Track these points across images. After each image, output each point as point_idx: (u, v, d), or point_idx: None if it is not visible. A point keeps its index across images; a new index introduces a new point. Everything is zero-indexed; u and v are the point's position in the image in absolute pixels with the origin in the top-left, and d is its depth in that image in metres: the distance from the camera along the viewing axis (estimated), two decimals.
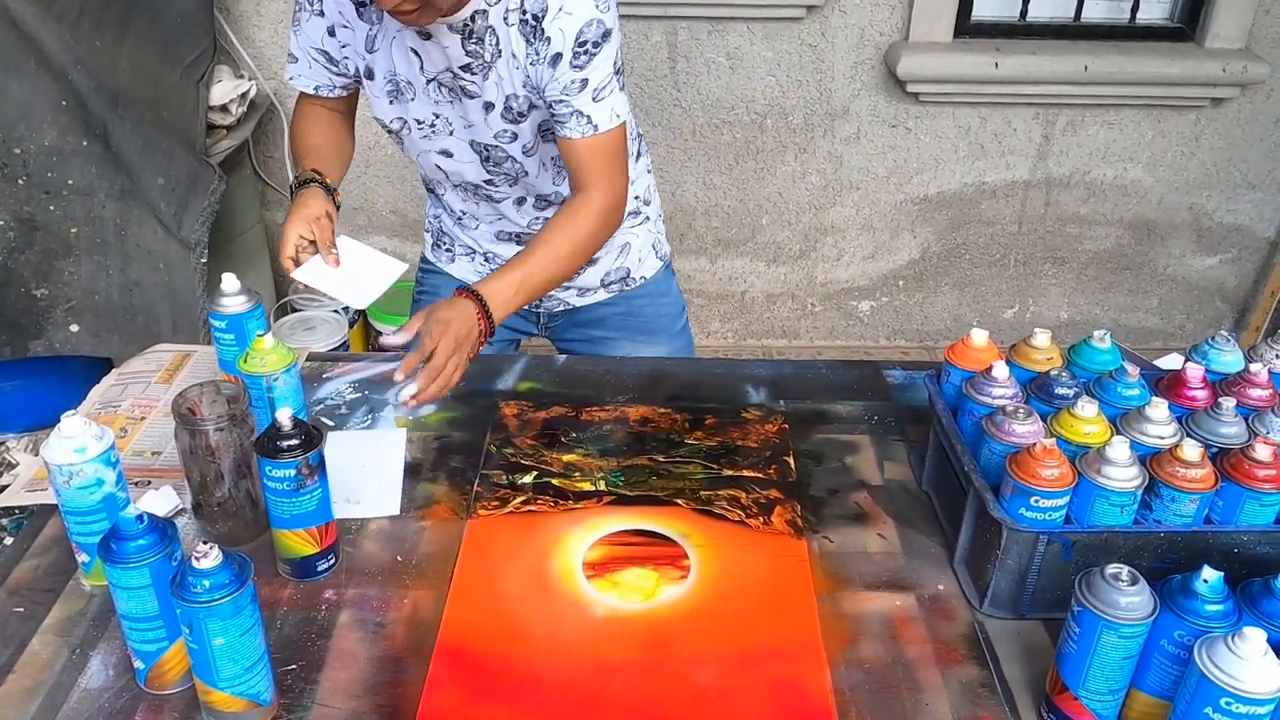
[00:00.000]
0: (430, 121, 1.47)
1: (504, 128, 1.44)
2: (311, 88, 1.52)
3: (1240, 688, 0.81)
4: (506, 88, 1.40)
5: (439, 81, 1.42)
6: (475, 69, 1.38)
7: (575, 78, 1.36)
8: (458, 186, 1.59)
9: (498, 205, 1.58)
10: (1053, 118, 2.90)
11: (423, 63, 1.41)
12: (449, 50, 1.37)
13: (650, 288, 1.75)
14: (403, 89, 1.45)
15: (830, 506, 1.29)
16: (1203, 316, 3.28)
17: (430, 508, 1.27)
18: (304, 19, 1.45)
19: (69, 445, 1.02)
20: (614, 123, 1.40)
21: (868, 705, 1.01)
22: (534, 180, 1.53)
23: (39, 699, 0.99)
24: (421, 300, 1.78)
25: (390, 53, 1.42)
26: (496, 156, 1.48)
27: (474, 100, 1.42)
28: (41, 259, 2.14)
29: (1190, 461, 1.05)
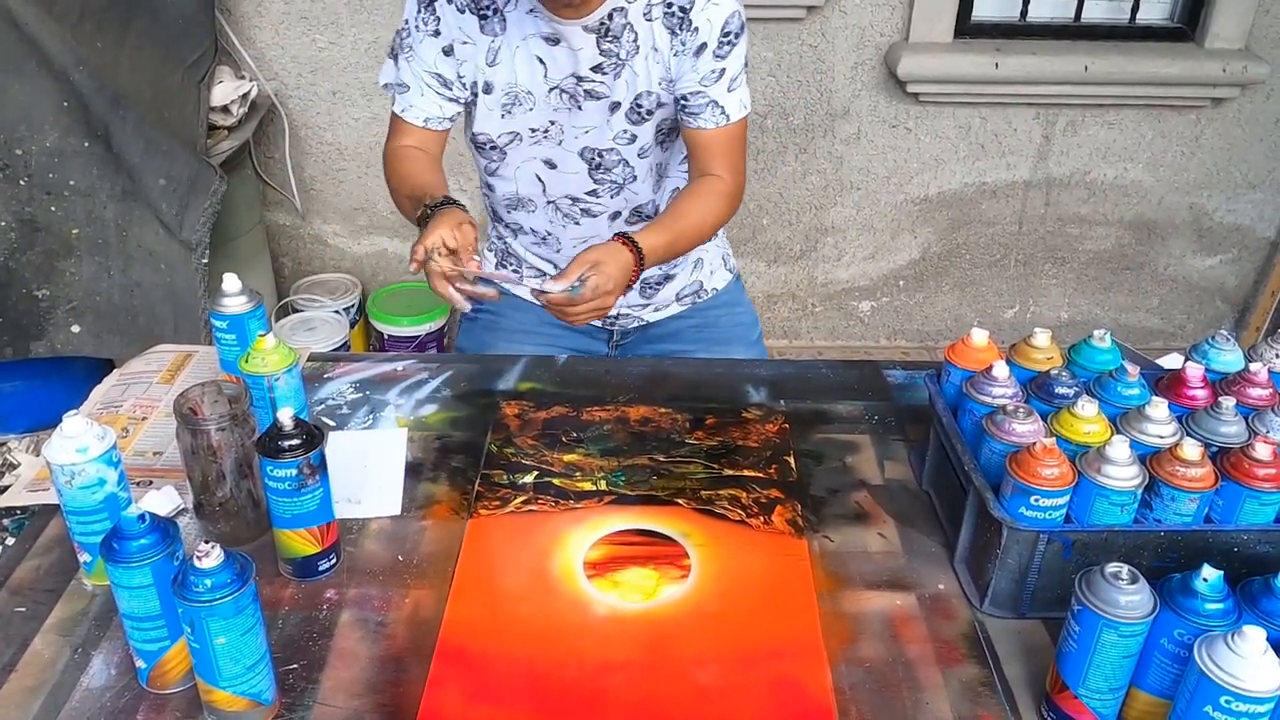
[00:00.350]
0: (544, 129, 1.47)
1: (625, 129, 1.45)
2: (421, 120, 1.49)
3: (1240, 686, 0.81)
4: (640, 85, 1.41)
5: (561, 88, 1.42)
6: (607, 69, 1.39)
7: (715, 67, 1.40)
8: (550, 204, 1.57)
9: (593, 221, 1.57)
10: (1053, 118, 2.90)
11: (547, 70, 1.41)
12: (581, 52, 1.38)
13: (723, 298, 1.76)
14: (521, 100, 1.44)
15: (831, 506, 1.29)
16: (1203, 316, 3.28)
17: (431, 507, 1.27)
18: (415, 42, 1.44)
19: (71, 445, 1.02)
20: (743, 113, 1.45)
21: (868, 704, 1.01)
22: (638, 188, 1.54)
23: (41, 698, 0.99)
24: (480, 317, 1.74)
25: (513, 64, 1.42)
26: (608, 162, 1.49)
27: (599, 102, 1.43)
28: (43, 260, 2.14)
29: (1190, 461, 1.05)
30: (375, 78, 2.75)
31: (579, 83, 1.42)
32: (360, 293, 3.01)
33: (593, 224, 1.58)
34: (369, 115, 2.84)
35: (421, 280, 3.22)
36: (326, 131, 2.86)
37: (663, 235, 1.41)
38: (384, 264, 3.09)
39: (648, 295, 1.70)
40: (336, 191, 2.96)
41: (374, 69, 2.76)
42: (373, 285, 3.09)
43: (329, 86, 2.80)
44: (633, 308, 1.71)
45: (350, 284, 3.01)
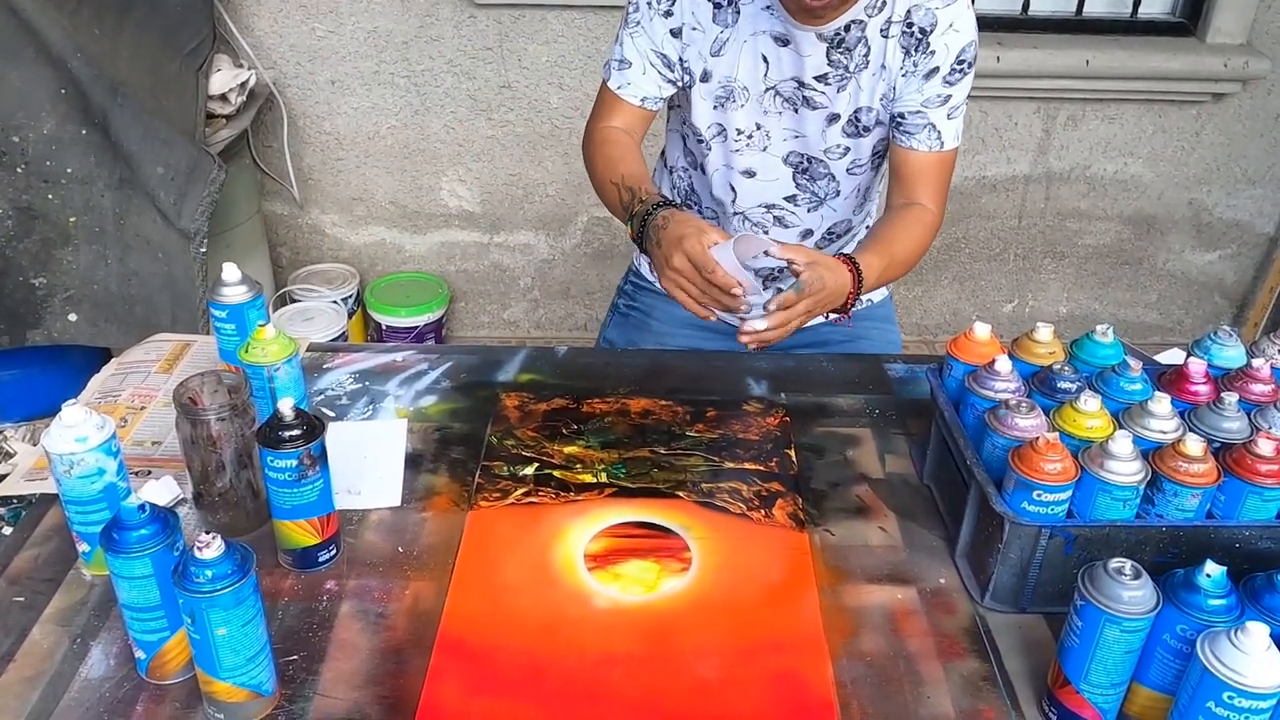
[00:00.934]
0: (749, 133, 1.45)
1: (840, 142, 1.44)
2: (638, 99, 1.46)
3: (1243, 682, 0.81)
4: (862, 100, 1.40)
5: (777, 90, 1.40)
6: (831, 79, 1.38)
7: (942, 93, 1.38)
8: (737, 214, 1.54)
9: (784, 233, 1.53)
10: (1053, 112, 2.90)
11: (769, 69, 1.39)
12: (808, 59, 1.36)
13: (878, 312, 1.74)
14: (735, 94, 1.42)
15: (831, 499, 1.29)
16: (1201, 312, 3.28)
17: (431, 499, 1.26)
18: (646, 19, 1.41)
19: (70, 434, 1.02)
20: (956, 142, 1.44)
21: (869, 698, 1.01)
22: (838, 206, 1.51)
23: (40, 689, 0.99)
24: (632, 315, 1.73)
25: (737, 57, 1.40)
26: (815, 171, 1.47)
27: (817, 112, 1.41)
28: (40, 248, 2.13)
29: (1193, 456, 1.05)
30: (373, 66, 2.76)
31: (799, 88, 1.39)
32: (358, 283, 3.00)
33: (781, 235, 1.54)
34: (368, 105, 2.83)
35: (419, 271, 3.20)
36: (325, 121, 2.85)
37: (880, 259, 1.36)
38: (382, 254, 3.09)
39: None
40: (335, 181, 2.95)
41: (372, 58, 2.76)
42: (371, 275, 3.09)
43: (328, 75, 2.78)
44: None
45: (348, 274, 3.01)
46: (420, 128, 2.87)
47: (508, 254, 3.10)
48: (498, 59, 2.77)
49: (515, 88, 2.81)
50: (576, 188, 2.95)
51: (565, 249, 3.08)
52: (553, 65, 2.78)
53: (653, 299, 1.74)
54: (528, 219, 3.03)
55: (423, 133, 2.87)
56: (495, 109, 2.84)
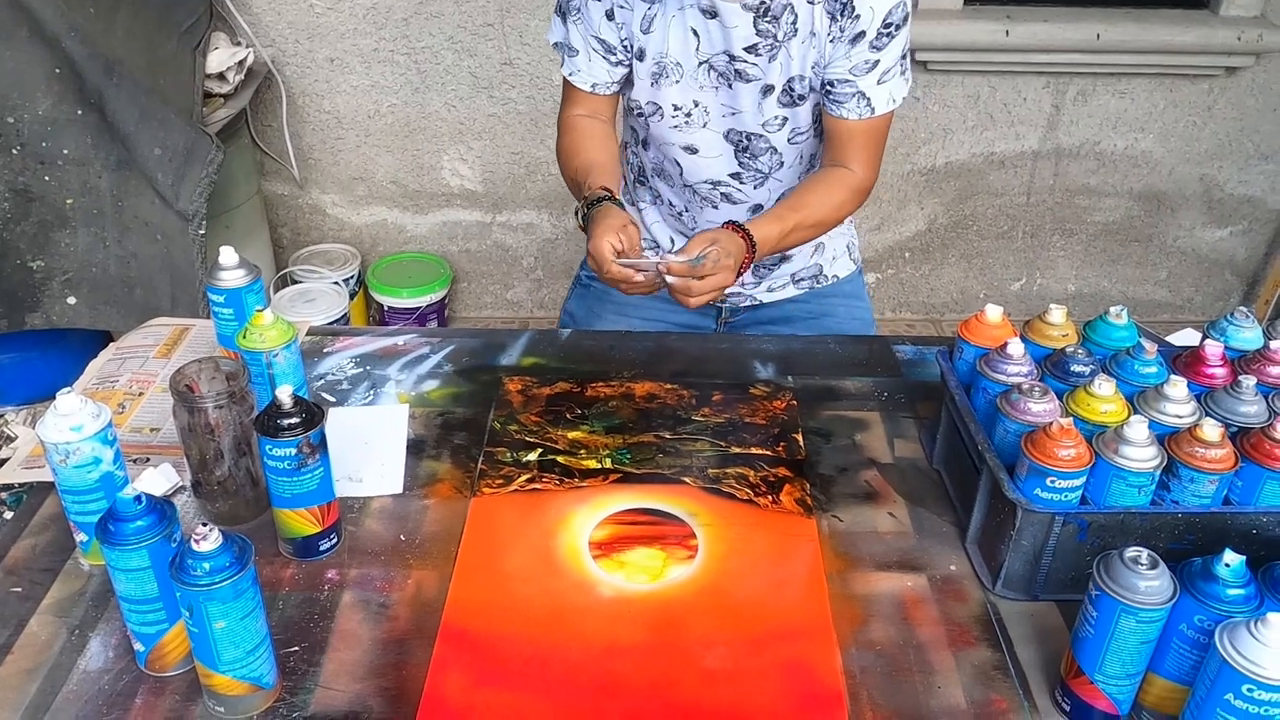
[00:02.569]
0: (687, 110, 1.44)
1: (778, 113, 1.42)
2: (589, 85, 1.47)
3: (1263, 674, 0.79)
4: (793, 69, 1.37)
5: (711, 65, 1.38)
6: (761, 50, 1.36)
7: (870, 59, 1.35)
8: (687, 187, 1.53)
9: (733, 208, 1.53)
10: (1063, 87, 2.86)
11: (699, 43, 1.37)
12: (735, 30, 1.34)
13: (845, 288, 1.72)
14: (668, 71, 1.41)
15: (840, 485, 1.27)
16: (1212, 289, 3.25)
17: (434, 486, 1.25)
18: (583, 5, 1.41)
19: (65, 423, 1.00)
20: (889, 107, 1.41)
21: (879, 687, 1.00)
22: (785, 177, 1.50)
23: (38, 680, 0.97)
24: (593, 285, 1.73)
25: (666, 33, 1.38)
26: (756, 148, 1.45)
27: (750, 84, 1.39)
28: (37, 230, 2.11)
29: (1210, 441, 1.03)
30: (373, 44, 2.72)
31: (731, 61, 1.38)
32: (360, 264, 2.97)
33: (732, 211, 1.54)
34: (368, 83, 2.79)
35: (421, 251, 3.19)
36: (325, 99, 2.82)
37: (775, 225, 1.38)
38: (384, 234, 3.06)
39: (760, 274, 1.67)
40: (335, 161, 2.92)
41: (371, 35, 2.72)
42: (372, 256, 3.06)
43: (326, 53, 2.75)
44: (745, 286, 1.68)
45: (349, 255, 2.98)
46: (421, 106, 2.83)
47: (510, 233, 3.08)
48: (499, 35, 2.73)
49: (516, 64, 2.77)
50: None
51: (568, 228, 3.05)
52: None
53: None
54: (530, 198, 3.00)
55: (423, 111, 2.84)
56: (497, 86, 2.81)
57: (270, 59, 2.71)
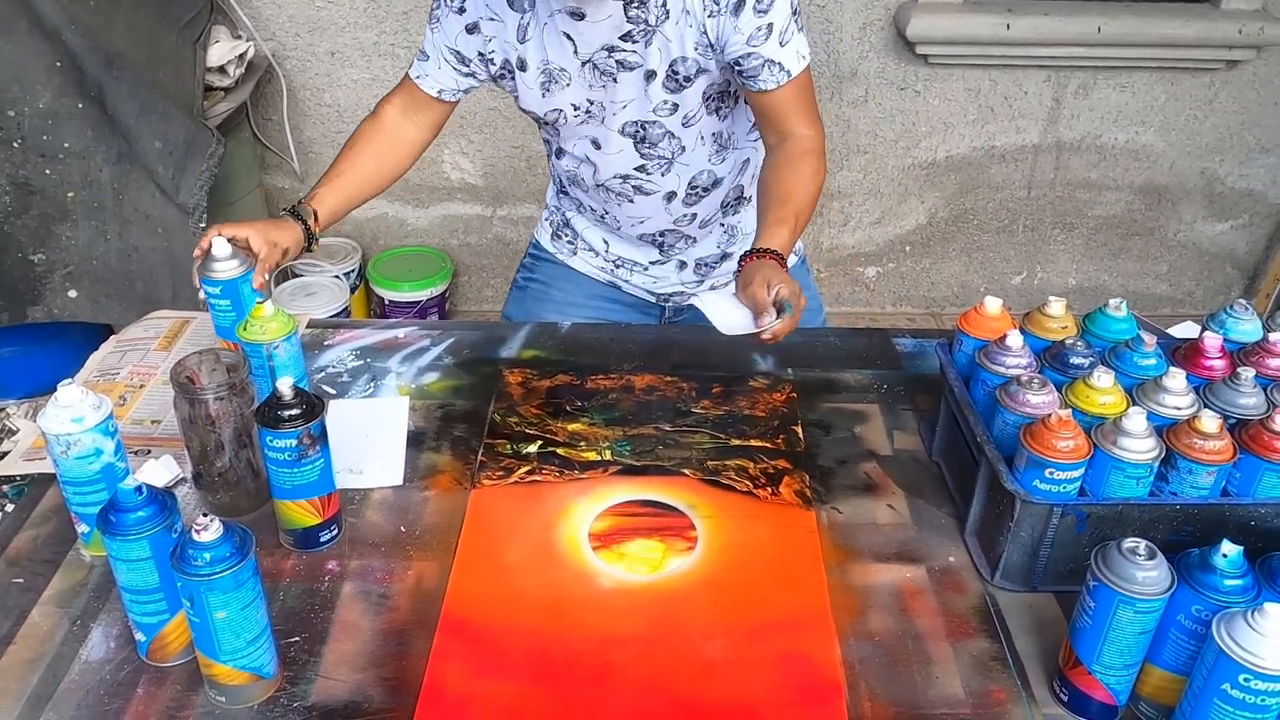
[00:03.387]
0: (585, 108, 1.43)
1: (665, 99, 1.41)
2: (435, 91, 1.49)
3: (1260, 665, 0.79)
4: (674, 51, 1.36)
5: (593, 63, 1.38)
6: (637, 36, 1.35)
7: (760, 24, 1.33)
8: (600, 186, 1.54)
9: (647, 200, 1.53)
10: (1064, 80, 2.85)
11: (576, 46, 1.37)
12: (608, 21, 1.33)
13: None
14: (556, 76, 1.40)
15: (839, 477, 1.27)
16: (1212, 283, 3.25)
17: (434, 477, 1.25)
18: (443, 15, 1.42)
19: (66, 415, 1.00)
20: (802, 64, 1.39)
21: (877, 678, 1.00)
22: (689, 159, 1.49)
23: (40, 671, 0.98)
24: (530, 287, 1.73)
25: (542, 40, 1.38)
26: (653, 135, 1.44)
27: (632, 72, 1.38)
28: (38, 224, 2.11)
29: (1208, 433, 1.03)
30: (373, 37, 2.72)
31: (610, 54, 1.37)
32: (360, 257, 2.97)
33: (647, 202, 1.54)
34: (368, 76, 2.79)
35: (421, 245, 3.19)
36: (325, 93, 2.82)
37: (783, 230, 1.35)
38: (384, 228, 3.06)
39: (702, 273, 1.66)
40: (336, 154, 2.91)
41: (372, 28, 2.71)
42: (373, 250, 3.06)
43: (327, 47, 2.75)
44: (687, 284, 1.67)
45: (350, 248, 2.98)
46: None
47: (511, 227, 3.07)
48: None
49: None
50: None
51: None
52: None
53: (554, 269, 1.72)
54: (531, 191, 3.00)
55: None
56: None
57: (271, 52, 2.71)
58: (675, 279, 1.66)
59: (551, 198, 1.72)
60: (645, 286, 1.68)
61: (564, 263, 1.71)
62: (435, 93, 1.49)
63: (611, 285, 1.70)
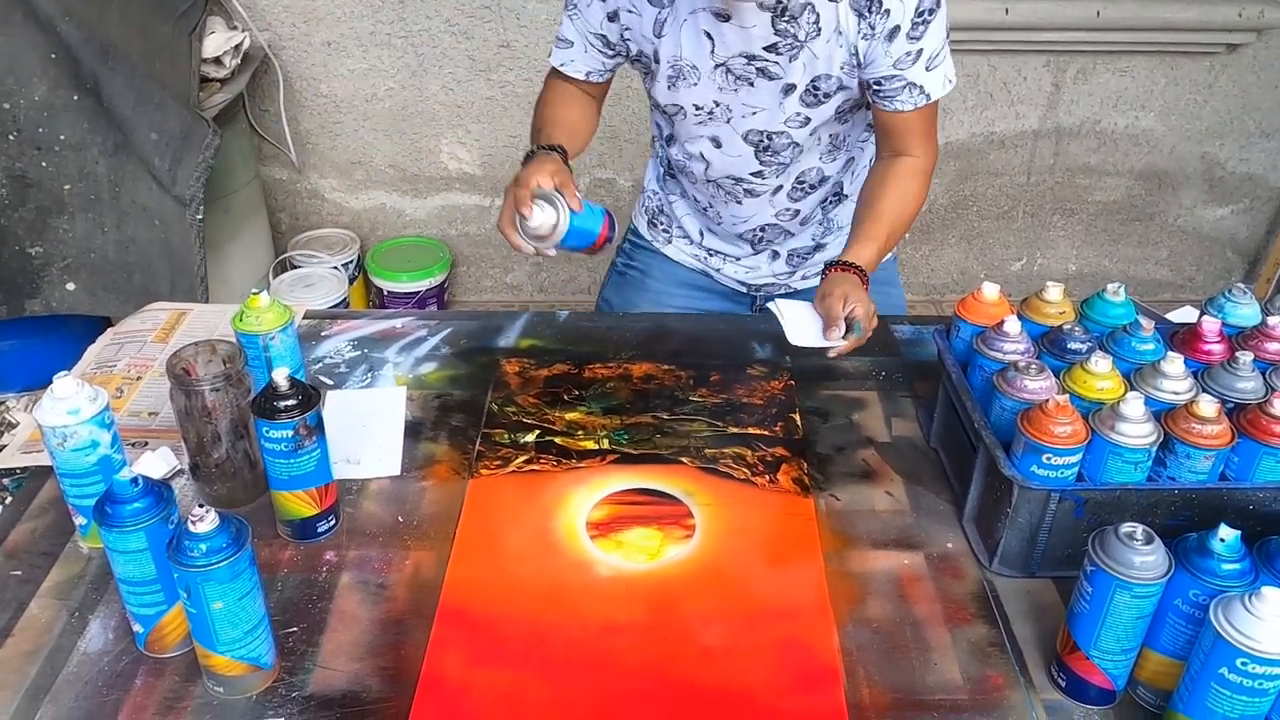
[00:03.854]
0: (709, 109, 1.43)
1: (799, 111, 1.40)
2: (583, 74, 1.48)
3: (1257, 648, 0.79)
4: (819, 68, 1.35)
5: (727, 67, 1.37)
6: (782, 49, 1.34)
7: (910, 50, 1.33)
8: (710, 182, 1.53)
9: (755, 200, 1.53)
10: (1063, 65, 2.84)
11: (714, 46, 1.36)
12: (753, 31, 1.32)
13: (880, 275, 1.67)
14: (685, 74, 1.39)
15: (837, 464, 1.27)
16: (1213, 268, 3.24)
17: (431, 467, 1.25)
18: (583, 4, 1.41)
19: (62, 407, 1.00)
20: (946, 89, 1.38)
21: (875, 665, 1.00)
22: (804, 160, 1.49)
23: (38, 663, 0.98)
24: (629, 274, 1.74)
25: (679, 37, 1.37)
26: (777, 144, 1.44)
27: (772, 82, 1.37)
28: (35, 216, 2.10)
29: (1206, 418, 1.03)
30: (369, 27, 2.71)
31: (750, 61, 1.36)
32: (359, 248, 2.97)
33: (755, 203, 1.54)
34: (365, 66, 2.78)
35: (420, 236, 3.18)
36: (322, 83, 2.81)
37: (871, 247, 1.37)
38: (383, 218, 3.05)
39: (794, 263, 1.66)
40: (333, 145, 2.91)
41: (368, 18, 2.70)
42: (371, 240, 3.06)
43: (323, 37, 2.73)
44: (779, 275, 1.67)
45: (349, 239, 2.98)
46: (418, 89, 2.82)
47: None
48: (496, 17, 2.71)
49: (514, 47, 2.76)
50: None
51: None
52: (551, 23, 2.72)
53: (650, 257, 1.72)
54: None
55: (421, 94, 2.83)
56: (494, 69, 2.79)
57: (267, 43, 2.70)
58: (767, 270, 1.66)
59: (650, 182, 1.71)
60: (737, 277, 1.68)
61: (659, 250, 1.71)
62: (583, 75, 1.48)
63: (704, 274, 1.70)
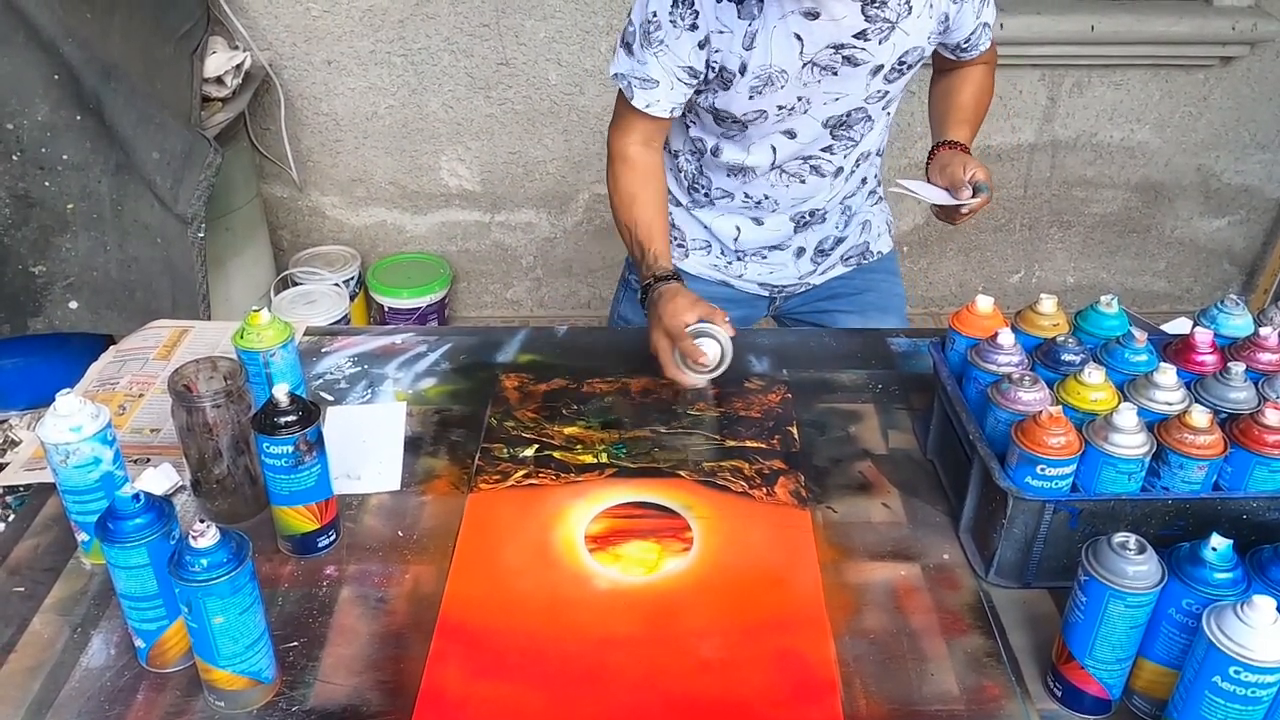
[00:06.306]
0: (791, 106, 1.44)
1: (881, 89, 1.44)
2: (668, 111, 1.45)
3: (1249, 656, 0.80)
4: (912, 41, 1.40)
5: (815, 62, 1.38)
6: (871, 34, 1.36)
7: None
8: (775, 168, 1.53)
9: (819, 180, 1.55)
10: (1059, 79, 2.86)
11: (803, 46, 1.37)
12: (843, 22, 1.34)
13: (885, 264, 1.75)
14: (773, 79, 1.40)
15: (834, 476, 1.28)
16: (1210, 279, 3.25)
17: (431, 482, 1.26)
18: (670, 37, 1.39)
19: (65, 424, 1.01)
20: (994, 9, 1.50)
21: (872, 676, 1.01)
22: (871, 140, 1.54)
23: (41, 678, 0.99)
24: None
25: (769, 45, 1.37)
26: (853, 119, 1.47)
27: (859, 68, 1.40)
28: (38, 235, 2.12)
29: (1199, 428, 1.04)
30: (369, 46, 2.73)
31: (837, 51, 1.37)
32: (360, 265, 2.98)
33: (818, 182, 1.56)
34: (365, 85, 2.80)
35: (420, 252, 3.19)
36: (322, 102, 2.83)
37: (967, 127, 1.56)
38: (383, 235, 3.07)
39: (817, 260, 1.67)
40: (334, 163, 2.93)
41: (368, 37, 2.73)
42: (372, 257, 3.07)
43: (324, 56, 2.76)
44: (802, 273, 1.68)
45: (350, 256, 2.99)
46: (418, 107, 2.84)
47: (509, 233, 3.08)
48: (495, 35, 2.74)
49: (513, 64, 2.78)
50: (577, 165, 2.93)
51: (567, 226, 3.06)
52: (550, 41, 2.75)
53: None
54: (529, 197, 3.01)
55: (421, 112, 2.85)
56: (493, 86, 2.82)
57: (268, 62, 2.72)
58: (792, 268, 1.67)
59: (681, 194, 1.69)
60: (759, 279, 1.68)
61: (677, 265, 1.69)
62: (668, 114, 1.45)
63: (723, 284, 1.69)
